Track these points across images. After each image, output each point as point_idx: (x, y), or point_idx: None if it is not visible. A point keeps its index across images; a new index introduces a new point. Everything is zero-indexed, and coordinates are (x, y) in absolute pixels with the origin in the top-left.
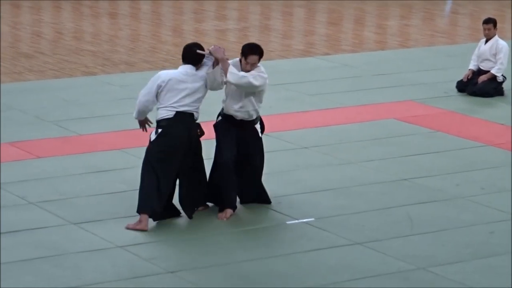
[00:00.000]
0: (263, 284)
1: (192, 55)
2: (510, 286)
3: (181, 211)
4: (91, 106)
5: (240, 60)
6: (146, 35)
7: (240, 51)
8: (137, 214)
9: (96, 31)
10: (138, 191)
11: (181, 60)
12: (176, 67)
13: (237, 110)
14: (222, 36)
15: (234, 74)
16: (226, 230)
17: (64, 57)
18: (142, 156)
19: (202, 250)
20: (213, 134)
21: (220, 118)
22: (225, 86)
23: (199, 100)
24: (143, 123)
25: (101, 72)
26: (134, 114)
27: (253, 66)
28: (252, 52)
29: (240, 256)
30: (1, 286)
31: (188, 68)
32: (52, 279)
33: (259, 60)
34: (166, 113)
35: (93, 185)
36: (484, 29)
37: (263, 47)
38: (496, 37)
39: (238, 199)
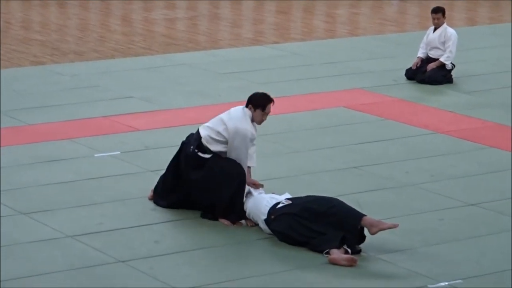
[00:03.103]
0: (211, 272)
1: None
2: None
3: None
4: (40, 96)
5: (250, 110)
6: (95, 25)
7: (251, 103)
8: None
9: (44, 20)
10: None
11: (129, 50)
12: (125, 56)
13: None
14: (171, 25)
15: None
16: (175, 218)
17: (12, 46)
18: (92, 145)
19: (153, 238)
20: None
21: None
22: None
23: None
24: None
25: (50, 62)
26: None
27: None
28: (269, 101)
29: (191, 244)
30: None
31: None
32: (3, 269)
33: None
34: None
35: (43, 175)
36: (433, 18)
37: (212, 36)
38: (445, 25)
39: None
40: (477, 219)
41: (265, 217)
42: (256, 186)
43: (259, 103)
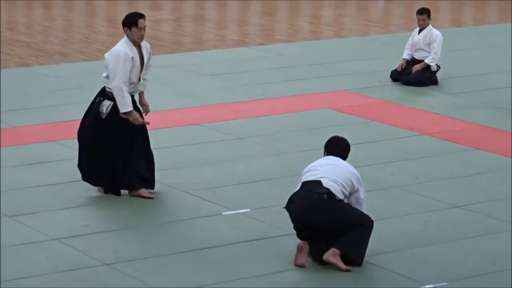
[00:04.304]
0: (197, 274)
1: None
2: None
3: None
4: (25, 98)
5: (127, 34)
6: (80, 26)
7: (124, 25)
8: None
9: (29, 21)
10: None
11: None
12: None
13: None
14: (157, 26)
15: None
16: (161, 220)
17: None
18: (77, 147)
19: (138, 241)
20: None
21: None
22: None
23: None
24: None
25: (35, 63)
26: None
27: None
28: (139, 16)
29: (176, 247)
30: None
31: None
32: None
33: None
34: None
35: (27, 178)
36: (419, 20)
37: (197, 37)
38: (430, 26)
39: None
40: (462, 221)
41: None
42: (145, 106)
43: (130, 21)
